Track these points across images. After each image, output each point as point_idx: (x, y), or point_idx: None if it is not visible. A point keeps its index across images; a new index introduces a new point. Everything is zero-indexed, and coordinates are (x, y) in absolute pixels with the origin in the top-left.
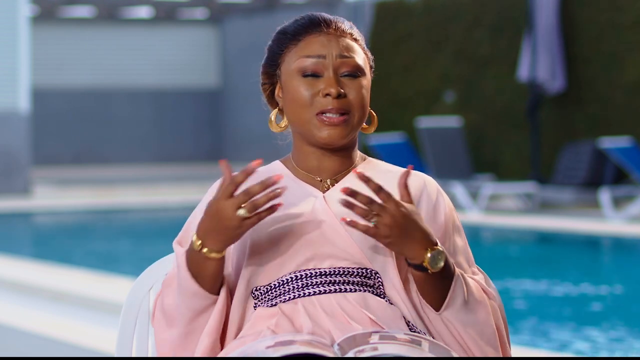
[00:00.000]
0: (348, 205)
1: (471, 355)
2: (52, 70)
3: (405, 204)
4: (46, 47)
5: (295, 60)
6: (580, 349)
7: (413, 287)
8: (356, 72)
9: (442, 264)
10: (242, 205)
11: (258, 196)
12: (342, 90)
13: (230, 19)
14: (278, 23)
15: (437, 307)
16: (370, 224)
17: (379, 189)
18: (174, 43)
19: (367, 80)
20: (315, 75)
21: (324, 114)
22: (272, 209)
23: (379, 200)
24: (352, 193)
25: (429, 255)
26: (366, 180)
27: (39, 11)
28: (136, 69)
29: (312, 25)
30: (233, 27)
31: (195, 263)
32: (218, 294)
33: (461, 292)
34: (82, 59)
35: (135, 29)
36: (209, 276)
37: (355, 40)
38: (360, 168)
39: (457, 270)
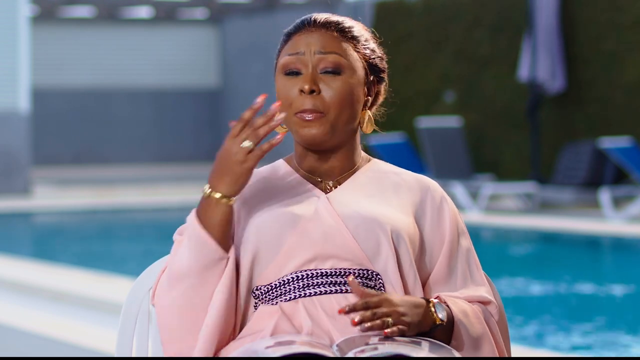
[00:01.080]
0: (368, 328)
1: None
2: (52, 70)
3: (383, 296)
4: (46, 47)
5: (281, 60)
6: (580, 348)
7: (415, 290)
8: (337, 69)
9: (444, 312)
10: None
11: (260, 128)
12: (315, 87)
13: (230, 19)
14: (278, 23)
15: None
16: (392, 328)
17: (366, 305)
18: (174, 43)
19: (354, 79)
20: (296, 73)
21: (302, 112)
22: (274, 142)
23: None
24: (360, 322)
25: (435, 312)
26: (351, 309)
27: (39, 11)
28: (136, 69)
29: (302, 24)
30: (233, 27)
31: (204, 211)
32: (227, 250)
33: (464, 334)
34: (82, 59)
35: (135, 29)
36: (218, 224)
37: (346, 37)
38: (362, 169)
39: (456, 314)
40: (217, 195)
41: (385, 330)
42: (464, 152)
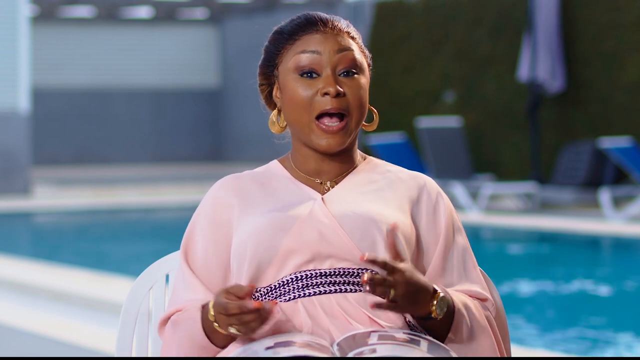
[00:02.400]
0: (373, 290)
1: None
2: (52, 70)
3: (402, 266)
4: (46, 47)
5: (292, 58)
6: (580, 348)
7: None
8: (354, 67)
9: (446, 308)
10: (234, 325)
11: (251, 323)
12: (340, 89)
13: (230, 19)
14: (278, 23)
15: (441, 340)
16: (388, 300)
17: (384, 265)
18: (174, 43)
19: (365, 79)
20: (312, 74)
21: (322, 119)
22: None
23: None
24: (369, 280)
25: (435, 306)
26: (372, 260)
27: (39, 11)
28: (136, 69)
29: (309, 24)
30: (233, 27)
31: (208, 324)
32: (226, 346)
33: (463, 325)
34: (82, 59)
35: (135, 29)
36: (221, 339)
37: (353, 38)
38: (358, 168)
39: (457, 304)
40: (220, 328)
41: (372, 302)
42: (464, 152)
